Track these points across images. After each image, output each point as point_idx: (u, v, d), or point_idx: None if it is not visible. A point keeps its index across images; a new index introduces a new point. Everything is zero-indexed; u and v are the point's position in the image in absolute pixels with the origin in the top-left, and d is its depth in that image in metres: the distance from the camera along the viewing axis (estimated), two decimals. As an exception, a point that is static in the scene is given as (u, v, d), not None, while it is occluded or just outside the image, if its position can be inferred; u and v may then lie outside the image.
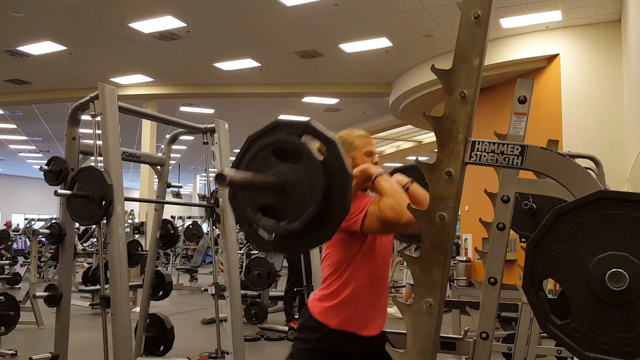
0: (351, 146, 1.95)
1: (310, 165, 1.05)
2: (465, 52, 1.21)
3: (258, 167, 1.09)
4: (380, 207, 1.71)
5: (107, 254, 3.10)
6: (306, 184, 1.04)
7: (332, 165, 1.05)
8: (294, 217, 1.05)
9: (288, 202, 1.06)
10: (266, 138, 1.11)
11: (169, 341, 4.48)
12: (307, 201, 1.04)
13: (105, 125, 3.14)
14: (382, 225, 1.73)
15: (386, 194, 1.72)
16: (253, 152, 1.11)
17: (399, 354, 1.26)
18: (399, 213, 1.66)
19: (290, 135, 1.09)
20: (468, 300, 4.30)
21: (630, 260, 0.98)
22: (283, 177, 1.07)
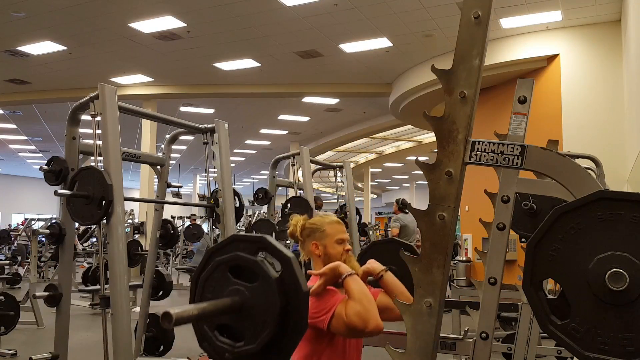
0: (322, 234, 1.92)
1: (265, 284, 1.04)
2: (465, 52, 1.21)
3: (215, 285, 1.09)
4: (347, 312, 1.65)
5: (107, 254, 3.10)
6: (262, 304, 1.04)
7: (287, 283, 1.04)
8: (251, 339, 1.04)
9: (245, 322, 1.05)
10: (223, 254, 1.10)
11: (169, 341, 4.48)
12: (263, 322, 1.03)
13: (105, 125, 3.14)
14: (347, 330, 1.67)
15: (354, 299, 1.66)
16: (210, 269, 1.11)
17: (399, 354, 1.26)
18: (364, 320, 1.61)
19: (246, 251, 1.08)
20: (468, 300, 4.29)
21: (630, 260, 0.98)
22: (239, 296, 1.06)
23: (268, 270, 1.04)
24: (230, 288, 1.07)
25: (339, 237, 1.94)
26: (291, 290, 1.04)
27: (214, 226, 4.84)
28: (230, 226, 4.08)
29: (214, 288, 1.09)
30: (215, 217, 4.17)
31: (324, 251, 1.91)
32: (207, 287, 1.10)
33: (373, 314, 1.62)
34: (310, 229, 1.95)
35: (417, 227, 1.38)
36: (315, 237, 1.93)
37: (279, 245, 1.07)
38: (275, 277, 1.04)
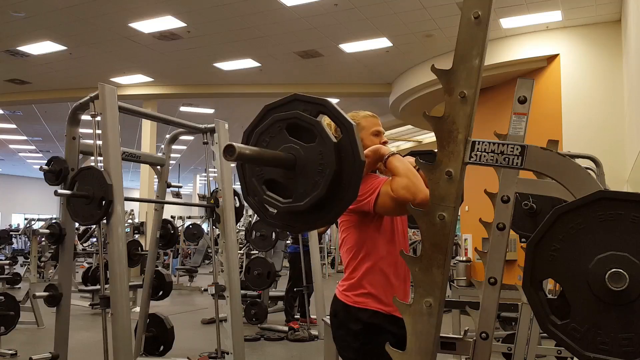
0: (358, 127, 1.93)
1: (323, 146, 1.03)
2: (465, 52, 1.21)
3: (270, 140, 1.08)
4: (393, 187, 1.68)
5: (107, 254, 3.10)
6: (316, 165, 1.03)
7: (345, 150, 1.03)
8: (300, 197, 1.04)
9: (296, 180, 1.05)
10: (282, 111, 1.09)
11: (169, 341, 4.48)
12: (315, 182, 1.02)
13: (105, 125, 3.15)
14: (395, 205, 1.70)
15: (399, 174, 1.69)
16: (267, 124, 1.09)
17: (399, 354, 1.26)
18: (413, 193, 1.64)
19: (307, 112, 1.07)
20: (468, 300, 4.29)
21: (630, 260, 0.98)
22: (294, 154, 1.05)
23: (328, 132, 1.03)
24: (285, 145, 1.06)
25: (375, 129, 1.95)
26: (348, 157, 1.03)
27: (214, 226, 4.84)
28: (230, 226, 4.08)
29: (269, 143, 1.08)
30: (215, 217, 4.17)
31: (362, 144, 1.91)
32: (260, 142, 1.09)
33: (421, 186, 1.65)
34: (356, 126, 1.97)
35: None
36: None
37: (341, 111, 1.06)
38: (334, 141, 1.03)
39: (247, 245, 8.87)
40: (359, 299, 1.85)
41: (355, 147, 1.04)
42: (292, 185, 1.06)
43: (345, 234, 1.93)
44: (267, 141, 1.08)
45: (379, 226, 1.85)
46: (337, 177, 1.02)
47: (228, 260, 3.98)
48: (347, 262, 1.91)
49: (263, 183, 1.08)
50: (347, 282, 1.90)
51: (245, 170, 1.13)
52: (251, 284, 6.46)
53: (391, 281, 1.87)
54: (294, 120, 1.06)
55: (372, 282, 1.85)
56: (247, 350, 4.10)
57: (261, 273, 6.37)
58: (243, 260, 8.28)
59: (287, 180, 1.06)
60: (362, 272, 1.85)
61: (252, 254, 8.05)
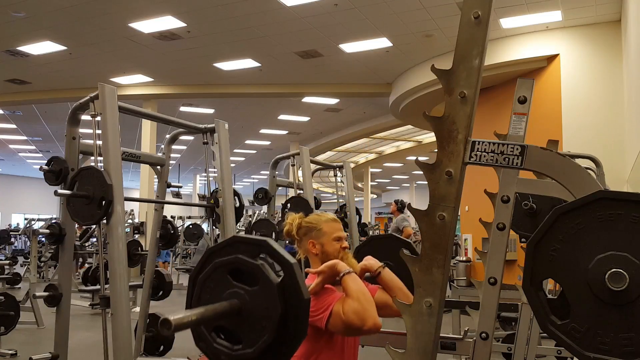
0: (319, 232, 1.92)
1: (266, 288, 1.02)
2: (465, 52, 1.21)
3: (214, 286, 1.08)
4: (344, 310, 1.65)
5: (107, 254, 3.10)
6: (262, 309, 1.02)
7: (288, 289, 1.03)
8: (249, 344, 1.03)
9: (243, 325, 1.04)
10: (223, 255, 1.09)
11: (169, 341, 4.48)
12: (262, 327, 1.02)
13: (105, 125, 3.14)
14: (344, 328, 1.67)
15: (352, 297, 1.66)
16: (209, 270, 1.09)
17: (399, 354, 1.26)
18: (362, 319, 1.61)
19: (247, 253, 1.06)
20: (468, 300, 4.30)
21: (630, 260, 0.98)
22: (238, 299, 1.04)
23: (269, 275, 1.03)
24: (229, 291, 1.06)
25: (336, 235, 1.94)
26: (292, 297, 1.03)
27: (214, 226, 4.84)
28: (230, 226, 4.08)
29: (213, 290, 1.08)
30: (215, 217, 4.17)
31: (321, 249, 1.91)
32: (205, 289, 1.09)
33: (371, 312, 1.63)
34: (307, 227, 1.95)
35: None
36: (312, 235, 1.94)
37: (281, 250, 1.06)
38: (276, 282, 1.03)
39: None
40: None
41: (297, 286, 1.03)
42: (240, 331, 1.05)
43: None
44: (211, 287, 1.08)
45: (329, 340, 1.82)
46: (284, 319, 1.02)
47: (228, 260, 3.97)
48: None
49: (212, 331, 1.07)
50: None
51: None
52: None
53: None
54: (235, 265, 1.06)
55: None
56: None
57: (261, 273, 6.35)
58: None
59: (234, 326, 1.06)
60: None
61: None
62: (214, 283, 1.08)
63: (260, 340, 1.02)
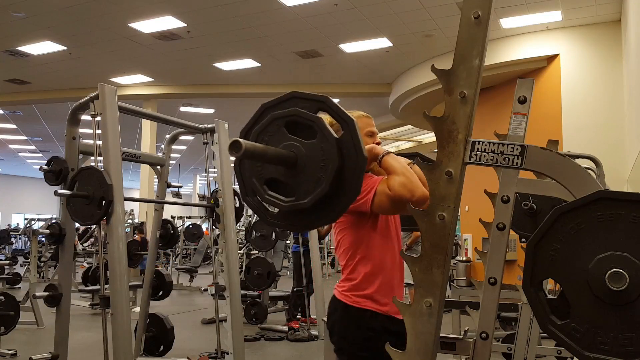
0: None
1: (324, 142, 1.02)
2: (465, 52, 1.21)
3: (269, 139, 1.06)
4: (390, 185, 1.68)
5: (107, 254, 3.10)
6: (319, 162, 1.02)
7: (347, 146, 1.03)
8: (303, 195, 1.02)
9: (297, 177, 1.04)
10: (280, 109, 1.07)
11: (169, 341, 4.48)
12: (317, 179, 1.01)
13: (105, 125, 3.15)
14: (393, 203, 1.70)
15: (396, 172, 1.69)
16: (265, 122, 1.07)
17: (399, 354, 1.26)
18: (410, 190, 1.64)
19: (306, 109, 1.05)
20: (468, 300, 4.29)
21: (630, 260, 0.98)
22: (294, 151, 1.03)
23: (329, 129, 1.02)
24: (285, 143, 1.05)
25: (368, 130, 1.95)
26: (350, 153, 1.03)
27: (214, 226, 4.84)
28: (230, 226, 4.08)
29: (267, 142, 1.06)
30: (215, 217, 4.17)
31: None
32: (259, 140, 1.07)
33: (417, 183, 1.65)
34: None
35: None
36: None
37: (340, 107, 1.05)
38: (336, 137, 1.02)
39: (247, 245, 8.87)
40: (359, 299, 1.85)
41: (357, 142, 1.03)
42: (294, 183, 1.04)
43: (340, 236, 1.93)
44: (265, 140, 1.07)
45: (374, 225, 1.86)
46: (340, 174, 1.02)
47: (228, 260, 3.98)
48: (345, 263, 1.91)
49: (264, 182, 1.06)
50: (346, 283, 1.90)
51: (243, 169, 1.11)
52: (251, 284, 6.46)
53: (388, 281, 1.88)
54: (293, 118, 1.05)
55: (371, 282, 1.85)
56: (247, 350, 4.10)
57: (261, 273, 6.37)
58: (243, 260, 8.28)
59: (288, 178, 1.05)
60: (360, 273, 1.86)
61: (252, 254, 8.05)
62: (269, 135, 1.07)
63: (315, 191, 1.01)
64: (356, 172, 1.03)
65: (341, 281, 1.93)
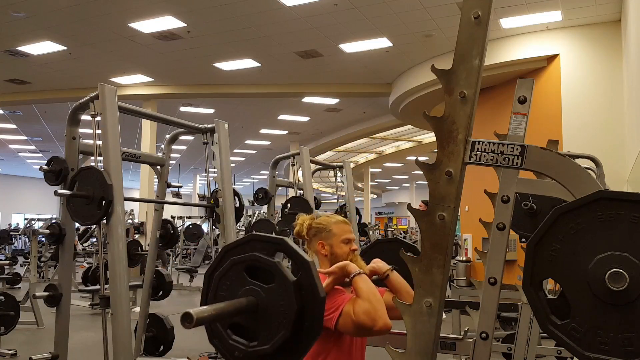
0: (329, 233, 1.92)
1: (282, 286, 1.04)
2: (465, 52, 1.21)
3: (230, 284, 1.09)
4: (355, 310, 1.65)
5: (107, 254, 3.10)
6: (278, 306, 1.04)
7: (305, 287, 1.04)
8: (265, 340, 1.04)
9: (259, 322, 1.05)
10: (240, 253, 1.10)
11: (169, 341, 4.48)
12: (278, 324, 1.03)
13: (105, 125, 3.15)
14: (355, 329, 1.67)
15: (362, 298, 1.66)
16: (226, 267, 1.10)
17: (399, 354, 1.26)
18: (373, 319, 1.61)
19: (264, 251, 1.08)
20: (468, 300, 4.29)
21: (630, 260, 0.98)
22: (254, 296, 1.06)
23: (286, 273, 1.04)
24: (245, 288, 1.07)
25: (345, 237, 1.94)
26: (308, 295, 1.04)
27: (214, 226, 4.84)
28: (230, 226, 4.08)
29: (229, 287, 1.09)
30: (215, 217, 4.17)
31: (331, 251, 1.91)
32: (221, 285, 1.10)
33: (382, 313, 1.63)
34: (317, 228, 1.95)
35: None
36: (321, 236, 1.93)
37: (298, 249, 1.07)
38: (293, 280, 1.04)
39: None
40: None
41: (314, 284, 1.04)
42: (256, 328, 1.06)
43: None
44: (227, 284, 1.09)
45: (338, 340, 1.83)
46: (300, 316, 1.03)
47: (228, 260, 3.97)
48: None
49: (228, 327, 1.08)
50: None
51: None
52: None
53: None
54: (252, 262, 1.08)
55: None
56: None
57: (261, 273, 6.35)
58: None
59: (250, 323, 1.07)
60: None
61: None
62: (230, 280, 1.09)
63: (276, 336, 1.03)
64: (316, 313, 1.05)
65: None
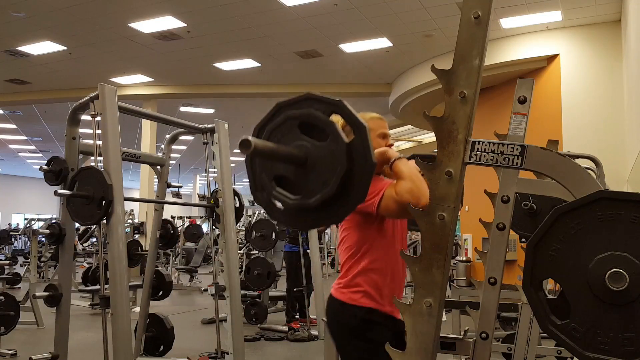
0: None
1: (335, 145, 1.03)
2: (465, 52, 1.21)
3: (281, 138, 1.09)
4: (397, 190, 1.69)
5: (107, 254, 3.10)
6: (328, 163, 1.04)
7: (357, 150, 1.04)
8: (309, 194, 1.04)
9: (306, 177, 1.06)
10: (295, 109, 1.10)
11: (169, 341, 4.48)
12: (325, 180, 1.03)
13: (105, 125, 3.15)
14: (399, 209, 1.70)
15: (404, 178, 1.69)
16: (279, 121, 1.10)
17: (399, 354, 1.26)
18: (416, 197, 1.63)
19: (320, 111, 1.07)
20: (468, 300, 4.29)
21: (630, 260, 0.98)
22: (305, 151, 1.06)
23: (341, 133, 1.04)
24: (297, 142, 1.07)
25: (381, 132, 1.94)
26: (359, 158, 1.04)
27: (214, 226, 4.84)
28: (230, 226, 4.08)
29: (280, 140, 1.09)
30: (215, 217, 4.17)
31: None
32: (272, 138, 1.10)
33: (424, 190, 1.62)
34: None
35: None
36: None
37: (355, 112, 1.07)
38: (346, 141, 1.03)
39: (247, 245, 8.87)
40: (355, 296, 1.85)
41: (367, 148, 1.04)
42: (302, 182, 1.06)
43: (345, 233, 1.93)
44: (278, 138, 1.09)
45: (380, 228, 1.86)
46: (348, 177, 1.03)
47: (228, 260, 3.98)
48: (345, 260, 1.91)
49: (272, 179, 1.08)
50: (343, 279, 1.91)
51: (254, 165, 1.13)
52: (251, 284, 6.46)
53: (387, 282, 1.88)
54: (307, 119, 1.07)
55: (369, 281, 1.86)
56: (247, 350, 4.10)
57: (261, 273, 6.37)
58: (243, 260, 8.28)
59: (297, 177, 1.07)
60: (359, 271, 1.86)
61: (252, 254, 8.05)
62: (281, 134, 1.09)
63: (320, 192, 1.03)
64: (364, 178, 1.04)
65: (339, 278, 1.94)
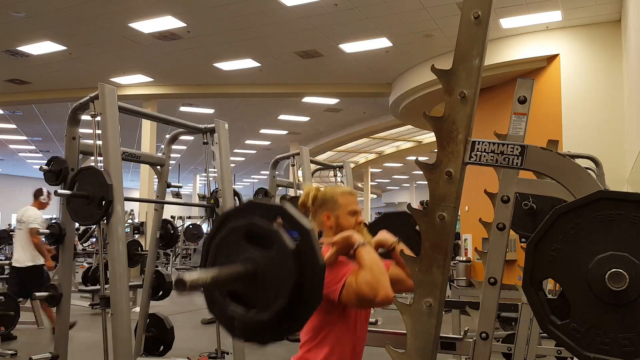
0: (335, 205, 1.87)
1: (282, 252, 1.01)
2: (465, 52, 1.21)
3: (229, 250, 1.07)
4: (357, 280, 1.62)
5: (107, 254, 3.10)
6: (277, 272, 1.01)
7: (304, 255, 1.01)
8: (263, 308, 1.02)
9: (257, 289, 1.03)
10: (240, 219, 1.08)
11: (169, 341, 4.48)
12: (276, 292, 1.01)
13: (105, 125, 3.15)
14: (357, 300, 1.65)
15: (364, 268, 1.63)
16: (224, 234, 1.08)
17: (399, 354, 1.26)
18: (374, 290, 1.58)
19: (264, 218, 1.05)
20: (468, 300, 4.30)
21: (630, 260, 0.98)
22: (253, 263, 1.03)
23: (285, 240, 1.02)
24: (244, 255, 1.05)
25: (351, 209, 1.88)
26: (308, 262, 1.02)
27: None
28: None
29: (228, 253, 1.07)
30: (215, 217, 4.17)
31: (336, 222, 1.86)
32: (219, 252, 1.08)
33: (384, 283, 1.59)
34: (323, 199, 1.90)
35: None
36: (327, 207, 1.88)
37: (297, 215, 1.05)
38: (292, 247, 1.02)
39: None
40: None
41: (313, 253, 1.02)
42: (254, 295, 1.04)
43: None
44: (226, 251, 1.07)
45: (342, 313, 1.80)
46: (299, 285, 1.01)
47: (228, 260, 3.97)
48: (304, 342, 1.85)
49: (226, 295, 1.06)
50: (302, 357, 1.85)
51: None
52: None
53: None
54: (251, 228, 1.05)
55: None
56: (247, 350, 4.10)
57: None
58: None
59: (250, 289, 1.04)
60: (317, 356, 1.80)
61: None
62: (228, 246, 1.07)
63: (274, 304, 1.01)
64: (315, 281, 1.02)
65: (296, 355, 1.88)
